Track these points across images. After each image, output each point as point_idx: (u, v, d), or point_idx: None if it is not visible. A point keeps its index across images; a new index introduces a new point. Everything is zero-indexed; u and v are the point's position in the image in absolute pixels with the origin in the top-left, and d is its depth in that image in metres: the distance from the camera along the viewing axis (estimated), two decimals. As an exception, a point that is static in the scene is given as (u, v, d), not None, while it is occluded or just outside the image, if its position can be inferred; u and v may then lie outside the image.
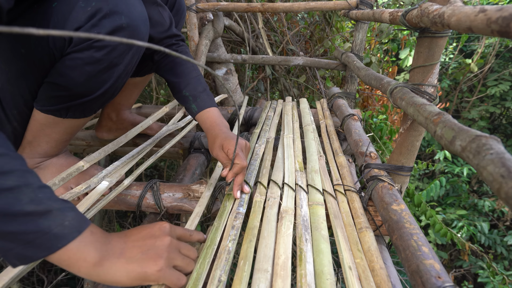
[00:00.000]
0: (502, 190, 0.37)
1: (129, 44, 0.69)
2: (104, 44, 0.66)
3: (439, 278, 0.43)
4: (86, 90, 0.71)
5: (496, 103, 4.53)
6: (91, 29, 0.63)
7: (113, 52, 0.68)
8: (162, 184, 0.83)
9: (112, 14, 0.64)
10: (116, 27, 0.65)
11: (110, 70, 0.71)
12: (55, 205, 0.43)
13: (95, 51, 0.66)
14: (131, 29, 0.68)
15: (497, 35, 0.42)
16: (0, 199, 0.39)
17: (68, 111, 0.74)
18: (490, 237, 3.52)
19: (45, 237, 0.41)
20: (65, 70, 0.67)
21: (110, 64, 0.70)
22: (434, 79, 0.81)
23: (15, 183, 0.41)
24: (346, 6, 1.62)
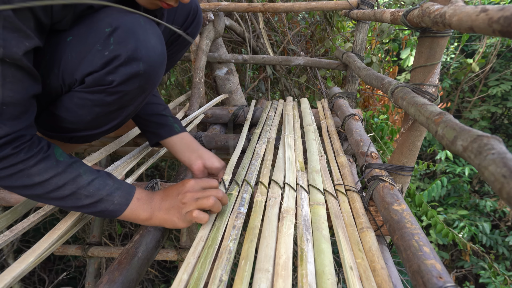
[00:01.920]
0: (504, 190, 0.37)
1: (143, 88, 0.68)
2: (117, 90, 0.64)
3: (440, 278, 0.43)
4: (92, 126, 0.71)
5: (498, 103, 4.52)
6: (105, 76, 0.61)
7: (125, 97, 0.66)
8: (163, 184, 0.83)
9: (131, 61, 0.61)
10: (133, 74, 0.62)
11: (120, 111, 0.70)
12: (104, 193, 0.62)
13: (107, 95, 0.64)
14: (147, 75, 0.65)
15: (499, 35, 0.42)
16: (66, 203, 0.61)
17: (71, 139, 0.74)
18: (492, 238, 3.51)
19: (106, 212, 0.63)
20: (73, 107, 0.66)
21: (120, 106, 0.69)
22: (435, 79, 0.81)
23: (71, 190, 0.60)
24: (347, 6, 1.62)
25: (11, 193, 0.84)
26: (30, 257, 0.56)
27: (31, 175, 0.57)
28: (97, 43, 0.59)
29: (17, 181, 0.57)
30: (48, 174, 0.58)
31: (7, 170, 0.56)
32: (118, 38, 0.59)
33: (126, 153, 1.01)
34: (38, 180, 0.58)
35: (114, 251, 1.46)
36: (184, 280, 0.52)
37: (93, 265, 1.68)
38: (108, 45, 0.59)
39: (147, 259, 0.70)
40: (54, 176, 0.59)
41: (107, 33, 0.59)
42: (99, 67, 0.60)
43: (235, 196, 0.76)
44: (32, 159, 0.57)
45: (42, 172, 0.58)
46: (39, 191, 0.59)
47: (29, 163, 0.57)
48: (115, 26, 0.59)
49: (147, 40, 0.62)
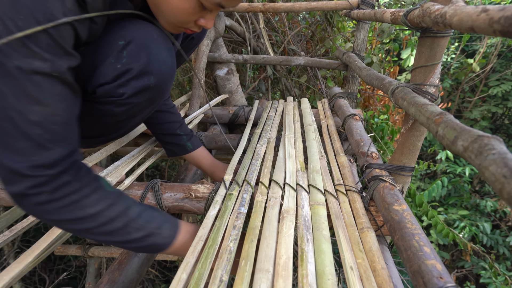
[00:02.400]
0: (505, 190, 0.37)
1: (152, 101, 0.69)
2: (127, 102, 0.64)
3: (441, 279, 0.43)
4: (98, 134, 0.71)
5: (498, 103, 4.51)
6: (117, 88, 0.61)
7: (134, 108, 0.67)
8: (163, 184, 0.83)
9: (142, 75, 0.62)
10: (144, 87, 0.63)
11: (127, 121, 0.71)
12: (153, 225, 0.59)
13: (116, 106, 0.64)
14: (157, 88, 0.66)
15: (499, 35, 0.42)
16: (115, 237, 0.56)
17: None
18: (492, 238, 3.51)
19: (155, 246, 0.60)
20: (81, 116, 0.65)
21: (128, 117, 0.69)
22: (436, 79, 0.81)
23: (122, 223, 0.56)
24: (347, 6, 1.62)
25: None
26: (30, 257, 0.56)
27: (84, 206, 0.52)
28: (110, 55, 0.60)
29: (68, 214, 0.51)
30: (100, 206, 0.54)
31: (59, 201, 0.50)
32: (131, 51, 0.60)
33: (127, 153, 1.01)
34: (91, 212, 0.53)
35: (115, 251, 1.46)
36: (183, 279, 0.52)
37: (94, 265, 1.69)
38: (121, 58, 0.60)
39: (148, 259, 0.70)
40: (106, 208, 0.54)
41: (120, 46, 0.60)
42: (111, 80, 0.61)
43: (236, 196, 0.75)
44: (86, 188, 0.53)
45: (95, 203, 0.53)
46: (90, 225, 0.53)
47: (83, 193, 0.52)
48: (129, 39, 0.60)
49: (159, 54, 0.63)
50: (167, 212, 0.80)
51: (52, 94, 0.47)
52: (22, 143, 0.46)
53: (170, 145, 0.97)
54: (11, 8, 0.41)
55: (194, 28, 0.63)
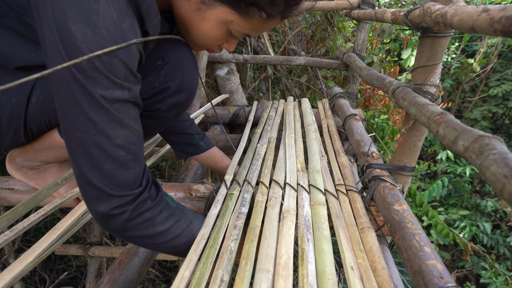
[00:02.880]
0: (505, 190, 0.37)
1: (178, 114, 0.73)
2: (158, 116, 0.69)
3: (441, 279, 0.43)
4: None
5: (499, 103, 4.51)
6: (153, 104, 0.66)
7: (162, 120, 0.71)
8: (163, 184, 0.83)
9: (176, 93, 0.67)
10: (176, 104, 0.68)
11: (153, 131, 0.75)
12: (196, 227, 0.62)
13: (147, 119, 0.68)
14: (185, 103, 0.71)
15: (500, 35, 0.42)
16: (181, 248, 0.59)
17: None
18: (493, 238, 3.50)
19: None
20: None
21: (155, 128, 0.73)
22: (436, 79, 0.81)
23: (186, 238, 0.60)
24: (348, 6, 1.62)
25: (12, 193, 0.84)
26: (30, 257, 0.56)
27: (155, 224, 0.55)
28: (150, 74, 0.64)
29: (141, 231, 0.54)
30: (169, 223, 0.57)
31: (136, 219, 0.53)
32: (168, 71, 0.65)
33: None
34: (161, 230, 0.56)
35: (115, 251, 1.46)
36: (186, 277, 0.52)
37: (94, 264, 1.69)
38: (159, 77, 0.65)
39: (148, 259, 0.70)
40: (173, 225, 0.58)
41: (159, 66, 0.65)
42: (149, 96, 0.65)
43: (236, 196, 0.75)
44: (157, 206, 0.55)
45: (165, 221, 0.56)
46: (158, 241, 0.56)
47: (155, 211, 0.55)
48: (167, 60, 0.65)
49: (190, 72, 0.68)
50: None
51: (130, 117, 0.51)
52: (108, 166, 0.49)
53: (182, 146, 0.96)
54: (96, 44, 0.44)
55: (216, 49, 0.67)
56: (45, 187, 0.73)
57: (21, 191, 0.84)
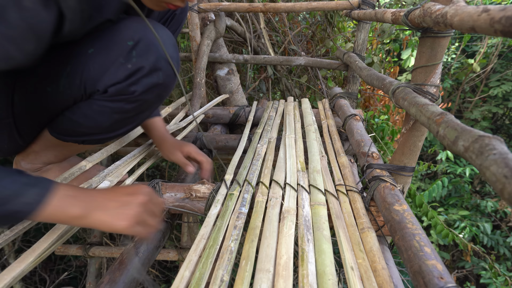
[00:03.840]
0: (505, 190, 0.37)
1: (160, 96, 0.71)
2: (137, 99, 0.67)
3: (441, 279, 0.43)
4: (107, 131, 0.73)
5: (499, 103, 4.51)
6: (128, 87, 0.64)
7: (144, 104, 0.70)
8: (164, 184, 0.83)
9: (152, 72, 0.65)
10: (153, 84, 0.66)
11: (136, 116, 0.73)
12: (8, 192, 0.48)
13: (126, 103, 0.67)
14: (166, 84, 0.69)
15: (500, 35, 0.42)
16: None
17: (85, 141, 0.76)
18: (493, 238, 3.50)
19: (14, 215, 0.49)
20: (92, 114, 0.67)
21: (137, 112, 0.72)
22: (437, 79, 0.81)
23: None
24: (348, 6, 1.62)
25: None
26: (30, 257, 0.56)
27: None
28: (120, 56, 0.62)
29: None
30: None
31: None
32: (140, 51, 0.63)
33: (127, 153, 1.01)
34: None
35: (115, 251, 1.46)
36: (186, 277, 0.52)
37: (94, 265, 1.69)
38: (131, 58, 0.62)
39: (148, 259, 0.70)
40: None
41: (129, 46, 0.62)
42: (123, 79, 0.63)
43: (236, 196, 0.76)
44: None
45: None
46: None
47: None
48: (137, 39, 0.63)
49: (166, 51, 0.66)
50: (168, 212, 0.80)
51: None
52: None
53: None
54: None
55: (177, 2, 0.62)
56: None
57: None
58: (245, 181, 0.81)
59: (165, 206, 0.80)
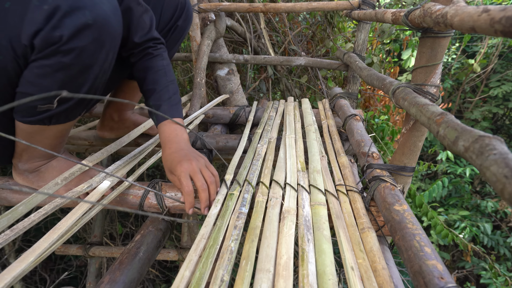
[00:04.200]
0: (506, 190, 0.37)
1: (99, 41, 0.63)
2: (71, 47, 0.60)
3: (441, 279, 0.43)
4: (63, 98, 0.66)
5: (499, 103, 4.51)
6: (52, 32, 0.57)
7: (83, 54, 0.62)
8: (164, 184, 0.83)
9: (74, 11, 0.57)
10: (81, 25, 0.59)
11: (85, 73, 0.66)
12: None
13: (62, 56, 0.60)
14: (98, 26, 0.61)
15: (501, 35, 0.42)
16: None
17: (51, 119, 0.70)
18: (493, 238, 3.50)
19: None
20: (36, 79, 0.62)
21: (83, 67, 0.64)
22: (437, 79, 0.81)
23: None
24: (348, 7, 1.62)
25: (13, 193, 0.84)
26: (31, 257, 0.56)
27: None
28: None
29: None
30: None
31: None
32: None
33: (127, 153, 1.01)
34: None
35: (115, 251, 1.46)
36: (186, 276, 0.53)
37: (94, 264, 1.69)
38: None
39: (148, 259, 0.70)
40: None
41: None
42: (42, 23, 0.57)
43: (237, 196, 0.76)
44: None
45: None
46: None
47: None
48: None
49: None
50: (168, 212, 0.80)
51: None
52: None
53: None
54: None
55: None
56: (45, 187, 0.73)
57: (22, 191, 0.84)
58: (245, 181, 0.81)
59: (165, 206, 0.80)
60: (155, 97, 0.85)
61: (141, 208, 0.80)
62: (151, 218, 0.81)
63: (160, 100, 0.84)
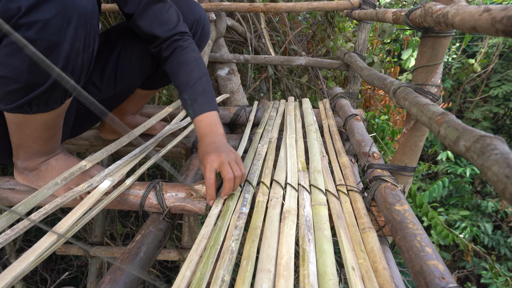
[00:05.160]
0: (507, 190, 0.37)
1: (65, 16, 0.60)
2: (32, 20, 0.56)
3: (442, 279, 0.43)
4: (35, 79, 0.63)
5: (500, 103, 4.51)
6: (8, 3, 0.54)
7: (48, 29, 0.58)
8: (164, 184, 0.83)
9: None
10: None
11: (53, 51, 0.62)
12: None
13: (25, 30, 0.57)
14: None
15: (502, 35, 0.42)
16: None
17: (31, 105, 0.67)
18: (494, 238, 3.50)
19: None
20: (4, 59, 0.59)
21: (49, 43, 0.60)
22: (438, 79, 0.80)
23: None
24: (348, 6, 1.62)
25: (13, 193, 0.84)
26: (31, 256, 0.56)
27: None
28: None
29: None
30: None
31: None
32: None
33: (128, 153, 1.01)
34: None
35: (116, 251, 1.46)
36: (187, 276, 0.52)
37: (95, 264, 1.69)
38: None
39: (149, 259, 0.70)
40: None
41: None
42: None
43: (237, 196, 0.75)
44: None
45: None
46: None
47: None
48: None
49: None
50: (169, 212, 0.80)
51: None
52: None
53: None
54: None
55: None
56: (45, 186, 0.73)
57: (22, 191, 0.84)
58: (246, 181, 0.81)
59: (166, 206, 0.80)
60: (190, 90, 0.84)
61: (141, 208, 0.80)
62: (151, 218, 0.81)
63: (195, 93, 0.83)
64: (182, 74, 0.86)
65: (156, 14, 0.83)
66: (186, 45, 0.89)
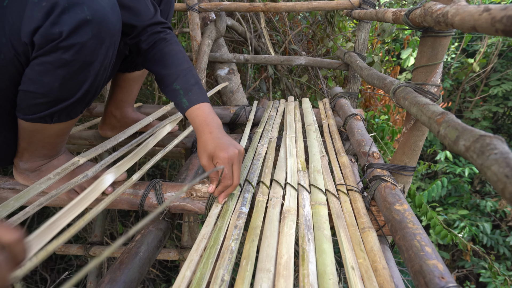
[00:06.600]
0: (507, 190, 0.37)
1: (99, 38, 0.63)
2: (71, 44, 0.60)
3: (442, 279, 0.43)
4: (64, 94, 0.67)
5: (499, 102, 4.51)
6: (51, 28, 0.58)
7: (83, 51, 0.62)
8: (164, 184, 0.83)
9: (72, 7, 0.58)
10: (80, 22, 0.59)
11: (85, 70, 0.66)
12: None
13: (63, 52, 0.60)
14: (97, 21, 0.61)
15: (502, 34, 0.42)
16: None
17: (53, 116, 0.70)
18: (493, 238, 3.50)
19: None
20: (37, 77, 0.62)
21: (83, 64, 0.64)
22: (438, 78, 0.80)
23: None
24: (348, 6, 1.62)
25: (13, 193, 0.84)
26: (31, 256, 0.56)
27: None
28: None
29: None
30: None
31: None
32: None
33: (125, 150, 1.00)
34: None
35: (116, 251, 1.46)
36: (187, 276, 0.53)
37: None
38: None
39: (149, 259, 0.70)
40: None
41: None
42: (41, 20, 0.57)
43: (237, 196, 0.76)
44: None
45: None
46: None
47: None
48: None
49: None
50: (168, 212, 0.80)
51: None
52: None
53: (174, 103, 0.83)
54: None
55: None
56: (38, 182, 0.71)
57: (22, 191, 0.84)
58: (246, 181, 0.81)
59: (166, 205, 0.80)
60: (182, 80, 0.81)
61: (141, 207, 0.80)
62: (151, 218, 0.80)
63: (188, 83, 0.81)
64: (170, 65, 0.84)
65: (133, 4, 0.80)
66: (169, 38, 0.87)
